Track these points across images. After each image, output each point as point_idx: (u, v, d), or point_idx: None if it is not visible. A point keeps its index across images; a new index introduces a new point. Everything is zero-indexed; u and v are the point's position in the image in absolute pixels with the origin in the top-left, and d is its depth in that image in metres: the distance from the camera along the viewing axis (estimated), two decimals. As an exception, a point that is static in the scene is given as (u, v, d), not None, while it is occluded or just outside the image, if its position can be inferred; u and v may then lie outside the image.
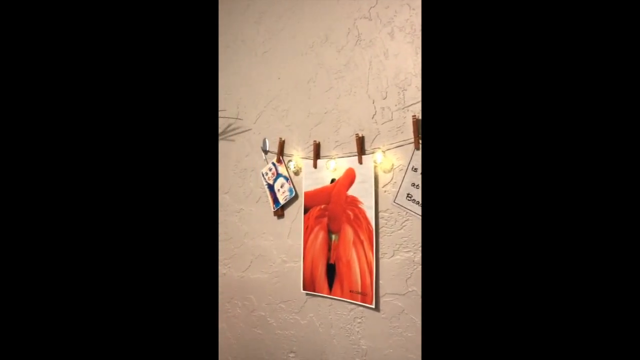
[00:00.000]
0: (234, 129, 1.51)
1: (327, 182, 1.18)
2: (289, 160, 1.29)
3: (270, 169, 1.36)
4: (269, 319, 1.36)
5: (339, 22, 1.18)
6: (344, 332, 1.15)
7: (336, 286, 1.15)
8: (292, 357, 1.29)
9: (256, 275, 1.41)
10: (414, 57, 1.01)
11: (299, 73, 1.29)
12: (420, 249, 1.00)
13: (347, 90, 1.15)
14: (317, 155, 1.21)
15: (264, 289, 1.38)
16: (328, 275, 1.17)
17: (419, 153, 0.99)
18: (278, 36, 1.36)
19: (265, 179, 1.37)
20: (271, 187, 1.35)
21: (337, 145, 1.17)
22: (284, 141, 1.32)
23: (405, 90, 1.03)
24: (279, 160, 1.33)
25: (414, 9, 1.01)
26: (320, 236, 1.20)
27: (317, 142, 1.22)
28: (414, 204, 1.00)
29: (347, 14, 1.16)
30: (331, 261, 1.16)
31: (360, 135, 1.10)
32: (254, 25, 1.45)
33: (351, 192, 1.12)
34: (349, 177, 1.12)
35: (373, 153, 1.07)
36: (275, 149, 1.34)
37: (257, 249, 1.41)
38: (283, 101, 1.34)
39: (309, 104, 1.26)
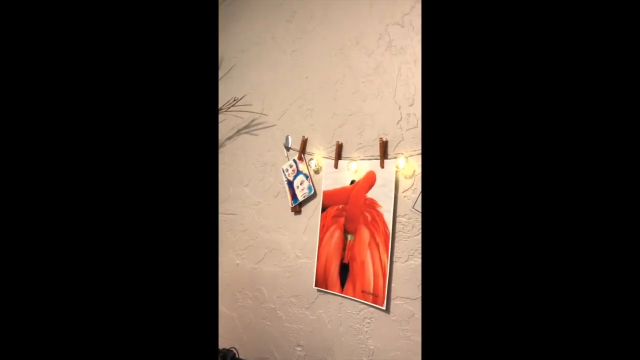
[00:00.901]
0: (258, 124, 1.54)
1: (347, 183, 1.20)
2: (310, 159, 1.32)
3: (291, 166, 1.39)
4: (278, 311, 1.39)
5: (371, 27, 1.20)
6: (352, 330, 1.18)
7: (348, 285, 1.17)
8: (299, 350, 1.32)
9: (269, 268, 1.44)
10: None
11: (326, 74, 1.31)
12: (435, 256, 1.01)
13: (374, 94, 1.17)
14: (338, 155, 1.24)
15: (275, 282, 1.41)
16: (341, 274, 1.20)
17: (441, 162, 1.00)
18: (309, 36, 1.39)
19: (285, 175, 1.40)
20: (290, 184, 1.38)
21: (360, 148, 1.19)
22: (306, 139, 1.35)
23: (433, 98, 1.04)
24: (300, 158, 1.36)
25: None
26: (336, 235, 1.22)
27: (340, 143, 1.24)
28: (433, 212, 1.01)
29: (380, 19, 1.18)
30: (345, 260, 1.19)
31: (384, 139, 1.12)
32: (285, 23, 1.48)
33: (370, 194, 1.14)
34: (370, 180, 1.14)
35: (396, 158, 1.09)
36: (297, 147, 1.37)
37: (272, 242, 1.44)
38: (309, 100, 1.36)
39: (334, 105, 1.28)
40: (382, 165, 1.12)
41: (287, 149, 1.41)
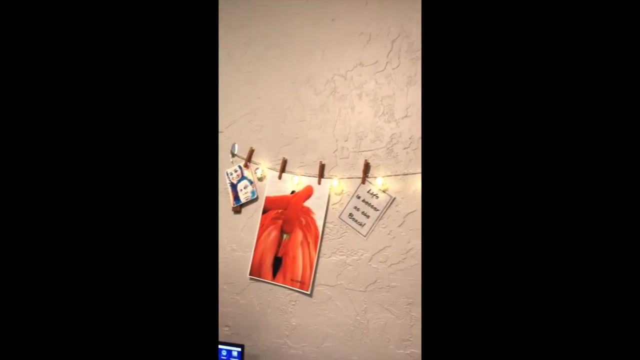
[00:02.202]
0: (205, 128, 1.69)
1: (288, 192, 1.49)
2: (257, 168, 1.56)
3: (236, 171, 1.60)
4: (208, 297, 1.58)
5: (320, 73, 1.52)
6: (278, 311, 1.46)
7: (279, 275, 1.46)
8: (226, 330, 1.53)
9: (203, 259, 1.61)
10: (373, 118, 1.41)
11: (278, 99, 1.57)
12: (350, 254, 1.38)
13: (317, 126, 1.49)
14: (283, 169, 1.51)
15: (209, 271, 1.59)
16: (274, 265, 1.47)
17: (363, 186, 1.38)
18: (264, 64, 1.62)
19: (229, 178, 1.60)
20: (234, 186, 1.59)
21: (302, 166, 1.49)
22: (253, 150, 1.58)
23: (362, 139, 1.42)
24: (246, 165, 1.58)
25: (379, 84, 1.42)
26: (273, 234, 1.49)
27: (285, 159, 1.52)
28: (353, 222, 1.38)
29: (328, 69, 1.50)
30: (279, 255, 1.47)
31: (322, 162, 1.45)
32: (242, 45, 1.68)
33: (307, 203, 1.45)
34: (307, 192, 1.46)
35: (330, 178, 1.43)
36: (244, 155, 1.59)
37: (208, 236, 1.61)
38: (259, 117, 1.60)
39: (282, 127, 1.55)
40: (319, 182, 1.44)
41: (233, 155, 1.62)
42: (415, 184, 1.32)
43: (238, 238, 1.56)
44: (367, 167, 1.38)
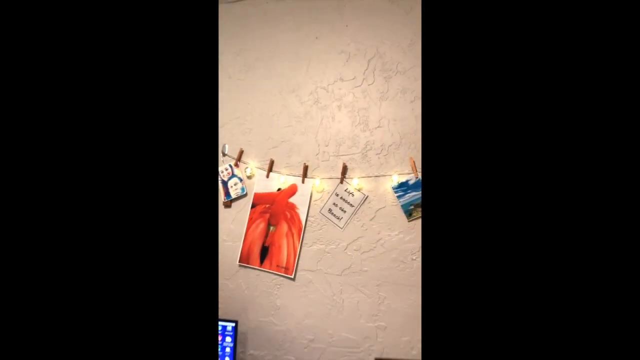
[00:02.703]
0: (197, 129, 1.85)
1: (274, 190, 1.69)
2: (246, 167, 1.74)
3: (227, 169, 1.77)
4: (200, 282, 1.75)
5: (305, 84, 1.72)
6: (265, 294, 1.66)
7: (266, 262, 1.66)
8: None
9: (195, 248, 1.78)
10: (350, 127, 1.63)
11: (266, 106, 1.76)
12: (329, 243, 1.61)
13: (301, 132, 1.70)
14: (270, 169, 1.71)
15: (200, 260, 1.76)
16: (262, 253, 1.67)
17: (341, 186, 1.60)
18: (253, 72, 1.80)
19: (220, 175, 1.77)
20: (225, 183, 1.76)
21: (287, 166, 1.70)
22: (242, 151, 1.76)
23: (341, 145, 1.64)
24: (236, 165, 1.76)
25: (356, 97, 1.64)
26: (260, 226, 1.69)
27: (272, 160, 1.71)
28: (332, 216, 1.60)
29: (313, 81, 1.71)
30: (266, 244, 1.67)
31: (306, 164, 1.66)
32: (233, 55, 1.84)
33: (292, 200, 1.66)
34: (292, 190, 1.66)
35: (313, 178, 1.64)
36: (234, 155, 1.76)
37: (200, 227, 1.78)
38: (248, 122, 1.78)
39: (270, 131, 1.74)
40: (302, 181, 1.65)
41: (224, 154, 1.79)
42: (385, 185, 1.56)
43: (228, 229, 1.74)
44: (344, 169, 1.61)
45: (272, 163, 1.71)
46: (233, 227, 1.73)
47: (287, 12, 1.78)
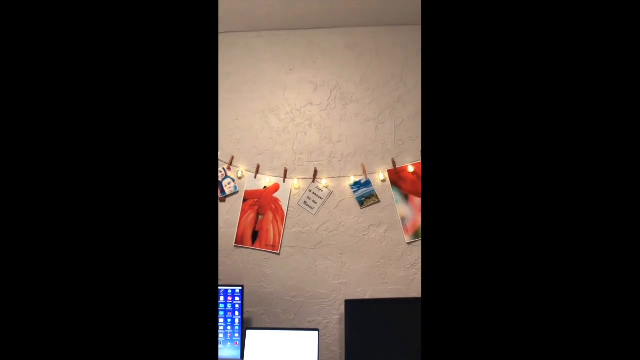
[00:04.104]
0: (193, 139, 2.27)
1: (261, 187, 2.21)
2: (237, 170, 2.23)
3: (221, 172, 2.24)
4: (202, 261, 2.23)
5: (282, 105, 2.23)
6: (256, 267, 2.20)
7: (257, 242, 2.20)
8: (219, 282, 2.21)
9: (196, 235, 2.24)
10: (319, 141, 2.21)
11: (251, 122, 2.24)
12: (305, 226, 2.19)
13: (281, 143, 2.23)
14: (257, 171, 2.22)
15: (202, 243, 2.23)
16: (253, 236, 2.20)
17: (313, 184, 2.19)
18: (239, 94, 2.26)
19: (215, 177, 2.24)
20: (220, 183, 2.24)
21: (271, 169, 2.22)
22: (233, 157, 2.24)
23: (312, 154, 2.21)
24: (229, 168, 2.24)
25: (322, 118, 2.21)
26: (251, 215, 2.21)
27: (259, 164, 2.22)
28: (306, 206, 2.19)
29: (289, 104, 2.23)
30: (256, 229, 2.20)
31: (286, 168, 2.20)
32: (221, 77, 2.27)
33: (275, 195, 2.20)
34: (276, 187, 2.20)
35: (291, 179, 2.19)
36: (226, 160, 2.23)
37: (200, 218, 2.24)
38: (237, 133, 2.25)
39: (256, 141, 2.24)
40: (284, 181, 2.20)
41: (217, 160, 2.25)
42: (345, 183, 2.18)
43: (224, 219, 2.23)
44: (315, 172, 2.19)
45: (258, 167, 2.22)
46: (228, 217, 2.23)
47: (266, 45, 2.26)
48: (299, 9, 2.06)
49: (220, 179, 2.24)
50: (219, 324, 1.97)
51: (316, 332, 1.91)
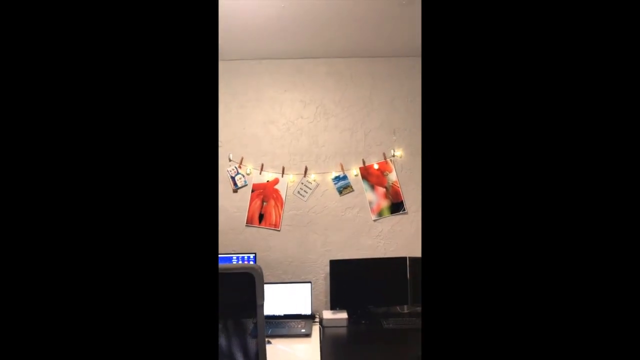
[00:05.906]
0: (211, 144, 2.94)
1: (265, 181, 2.93)
2: (247, 168, 2.93)
3: (233, 169, 2.93)
4: (221, 237, 2.94)
5: (280, 119, 2.93)
6: (263, 241, 2.94)
7: (263, 222, 2.93)
8: (233, 251, 2.95)
9: (220, 217, 2.95)
10: (308, 145, 2.93)
11: (256, 131, 2.93)
12: (298, 210, 2.94)
13: (280, 147, 2.93)
14: (262, 169, 2.93)
15: (221, 223, 2.94)
16: (259, 218, 2.93)
17: (304, 178, 2.92)
18: (245, 109, 2.93)
19: (229, 173, 2.92)
20: (232, 178, 2.93)
21: (272, 167, 2.94)
22: (243, 158, 2.93)
23: (303, 155, 2.93)
24: (240, 166, 2.93)
25: (310, 129, 2.93)
26: (257, 202, 2.93)
27: (262, 163, 2.93)
28: (299, 195, 2.93)
29: (284, 117, 2.93)
30: (262, 212, 2.93)
31: (283, 166, 2.92)
32: (230, 95, 2.92)
33: (276, 187, 2.93)
34: (276, 181, 2.93)
35: (288, 174, 2.92)
36: (237, 160, 2.92)
37: (221, 206, 2.94)
38: (245, 140, 2.93)
39: (261, 145, 2.93)
40: (282, 176, 2.92)
41: (230, 160, 2.93)
42: (328, 177, 2.93)
43: (237, 205, 2.94)
44: (306, 169, 2.93)
45: (262, 165, 2.93)
46: (240, 204, 2.94)
47: (266, 70, 2.93)
48: (291, 43, 2.73)
49: (233, 175, 2.93)
50: (239, 281, 2.73)
51: (309, 284, 2.71)
